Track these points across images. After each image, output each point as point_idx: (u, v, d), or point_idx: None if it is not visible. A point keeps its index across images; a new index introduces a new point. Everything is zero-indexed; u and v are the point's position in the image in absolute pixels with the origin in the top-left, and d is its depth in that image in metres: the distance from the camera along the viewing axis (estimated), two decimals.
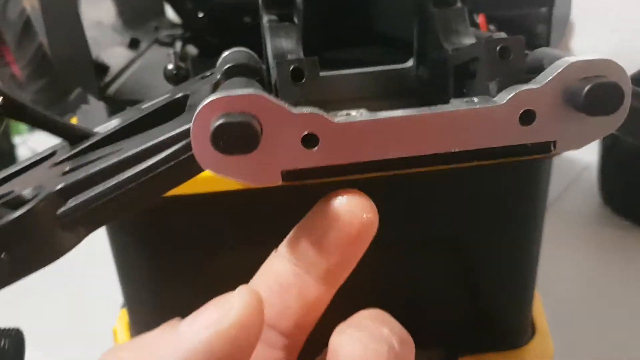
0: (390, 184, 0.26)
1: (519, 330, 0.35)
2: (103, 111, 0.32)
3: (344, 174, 0.17)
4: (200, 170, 0.17)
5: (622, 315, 0.45)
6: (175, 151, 0.17)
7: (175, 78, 0.27)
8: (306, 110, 0.16)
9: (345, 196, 0.18)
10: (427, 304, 0.32)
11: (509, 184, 0.30)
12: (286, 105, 0.16)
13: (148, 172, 0.17)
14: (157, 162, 0.17)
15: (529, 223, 0.32)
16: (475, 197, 0.30)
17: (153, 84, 0.33)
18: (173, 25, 0.46)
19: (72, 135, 0.21)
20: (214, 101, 0.15)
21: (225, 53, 0.22)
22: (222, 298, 0.17)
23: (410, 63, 0.25)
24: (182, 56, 0.33)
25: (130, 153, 0.17)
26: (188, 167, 0.17)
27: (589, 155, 0.62)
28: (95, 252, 0.30)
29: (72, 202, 0.17)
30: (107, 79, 0.30)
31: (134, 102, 0.25)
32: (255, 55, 0.22)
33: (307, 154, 0.17)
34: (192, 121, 0.16)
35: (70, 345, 0.46)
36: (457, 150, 0.17)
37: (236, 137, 0.15)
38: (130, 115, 0.21)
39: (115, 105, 0.30)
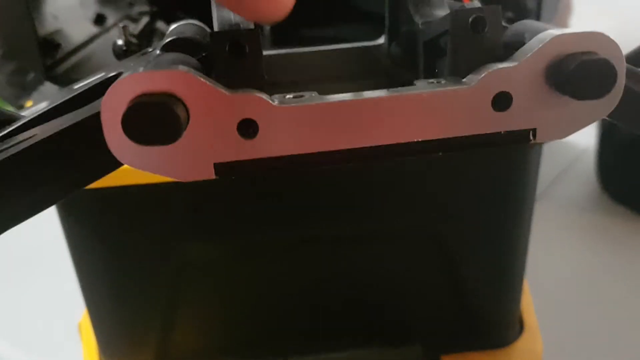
0: (361, 171, 0.24)
1: (506, 327, 0.32)
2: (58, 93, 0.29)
3: (289, 168, 0.15)
4: (119, 163, 0.14)
5: (619, 307, 0.43)
6: (86, 141, 0.14)
7: (125, 55, 0.24)
8: (243, 92, 0.14)
9: None
10: (404, 299, 0.30)
11: (492, 173, 0.27)
12: (219, 86, 0.14)
13: (57, 166, 0.14)
14: (66, 152, 0.14)
15: (515, 214, 0.29)
16: (455, 186, 0.27)
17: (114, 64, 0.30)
18: (150, 1, 0.44)
19: None
20: (127, 79, 0.13)
21: (173, 25, 0.20)
22: None
23: (381, 40, 0.22)
24: (142, 32, 0.30)
25: (34, 141, 0.14)
26: (103, 160, 0.14)
27: (587, 138, 0.60)
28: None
29: None
30: (58, 56, 0.28)
31: None
32: (207, 29, 0.20)
33: (245, 144, 0.14)
34: (102, 104, 0.13)
35: (37, 337, 0.44)
36: (419, 140, 0.15)
37: (152, 124, 0.13)
38: (61, 96, 0.19)
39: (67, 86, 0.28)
